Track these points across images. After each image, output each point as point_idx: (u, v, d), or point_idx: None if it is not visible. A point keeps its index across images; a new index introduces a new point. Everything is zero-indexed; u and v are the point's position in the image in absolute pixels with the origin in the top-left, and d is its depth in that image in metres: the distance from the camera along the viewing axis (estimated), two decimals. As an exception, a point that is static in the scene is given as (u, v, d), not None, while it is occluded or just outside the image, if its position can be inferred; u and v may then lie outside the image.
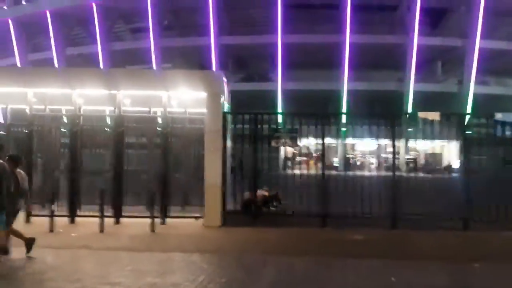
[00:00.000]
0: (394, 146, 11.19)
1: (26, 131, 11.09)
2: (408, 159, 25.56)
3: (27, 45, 42.30)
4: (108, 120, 11.83)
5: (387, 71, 38.29)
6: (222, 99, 10.75)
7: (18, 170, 7.41)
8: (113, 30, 40.54)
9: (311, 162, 13.10)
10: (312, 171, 10.82)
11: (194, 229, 10.17)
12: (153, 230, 9.66)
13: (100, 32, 38.25)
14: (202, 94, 10.65)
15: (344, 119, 14.03)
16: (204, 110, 10.67)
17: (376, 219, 10.59)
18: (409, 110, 35.58)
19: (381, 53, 36.41)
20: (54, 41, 39.45)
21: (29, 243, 7.33)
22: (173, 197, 11.13)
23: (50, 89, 10.64)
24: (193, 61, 36.68)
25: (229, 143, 10.94)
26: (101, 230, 9.57)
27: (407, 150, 27.50)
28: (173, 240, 9.09)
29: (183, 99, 11.31)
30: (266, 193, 11.66)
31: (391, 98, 34.43)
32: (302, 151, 11.28)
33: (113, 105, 10.87)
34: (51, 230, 9.49)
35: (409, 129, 13.94)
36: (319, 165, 11.40)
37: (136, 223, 10.39)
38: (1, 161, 7.01)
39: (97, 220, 9.79)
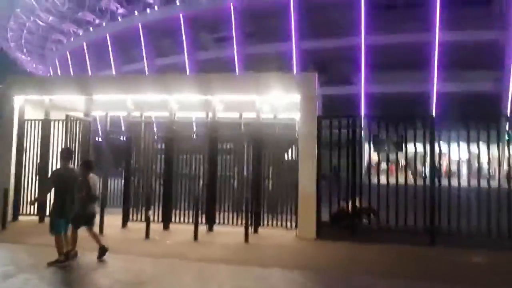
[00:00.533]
0: (499, 153, 9.57)
1: (124, 138, 11.25)
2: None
3: (154, 51, 44.34)
4: (197, 126, 11.60)
5: (482, 71, 34.77)
6: (316, 103, 9.98)
7: (91, 175, 7.52)
8: (198, 39, 41.72)
9: (400, 170, 11.64)
10: (401, 180, 9.56)
11: (288, 241, 9.49)
12: (247, 240, 9.15)
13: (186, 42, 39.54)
14: (295, 98, 9.99)
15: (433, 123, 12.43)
16: (295, 116, 10.00)
17: (495, 239, 9.10)
18: (509, 112, 31.95)
19: (474, 51, 33.16)
20: (183, 47, 41.03)
21: (103, 250, 7.44)
22: (265, 205, 10.58)
23: (148, 95, 10.62)
24: (275, 67, 36.32)
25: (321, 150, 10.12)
26: (195, 238, 9.26)
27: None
28: (269, 252, 8.47)
29: (275, 104, 10.73)
30: (358, 204, 10.52)
31: (486, 100, 31.17)
32: (390, 158, 10.10)
33: (207, 111, 10.58)
34: (147, 237, 9.38)
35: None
36: (408, 173, 10.10)
37: (228, 232, 10.00)
38: (71, 167, 7.44)
39: (190, 227, 9.55)
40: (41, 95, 11.07)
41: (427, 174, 9.89)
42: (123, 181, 10.87)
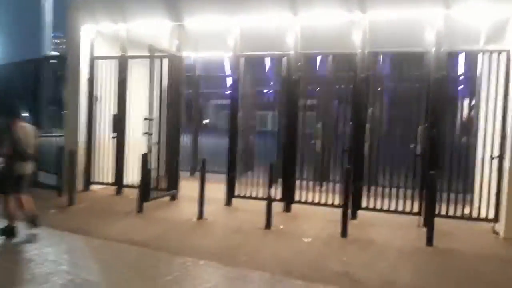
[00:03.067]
0: None
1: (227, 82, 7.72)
2: None
3: None
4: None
5: None
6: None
7: (21, 124, 5.43)
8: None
9: None
10: None
11: (487, 242, 5.64)
12: (430, 244, 5.39)
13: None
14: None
15: None
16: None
17: None
18: None
19: None
20: None
21: (32, 219, 5.55)
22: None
23: (263, 16, 6.87)
24: None
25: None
26: (344, 232, 5.66)
27: None
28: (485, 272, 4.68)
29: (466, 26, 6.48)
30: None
31: None
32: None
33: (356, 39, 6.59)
34: (268, 226, 5.95)
35: None
36: None
37: (391, 221, 6.32)
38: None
39: (320, 210, 6.03)
40: (116, 22, 7.76)
41: None
42: (227, 140, 7.43)
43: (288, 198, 6.90)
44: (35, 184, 8.99)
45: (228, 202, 7.31)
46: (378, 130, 6.91)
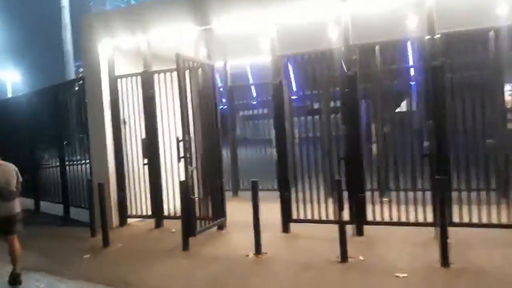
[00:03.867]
0: None
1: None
2: None
3: None
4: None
5: None
6: None
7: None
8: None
9: None
10: None
11: None
12: None
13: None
14: None
15: None
16: None
17: None
18: None
19: None
20: None
21: (14, 277, 4.83)
22: None
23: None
24: None
25: None
26: (444, 261, 4.39)
27: None
28: None
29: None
30: None
31: None
32: None
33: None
34: (344, 258, 4.76)
35: None
36: None
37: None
38: None
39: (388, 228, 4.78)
40: (135, 33, 6.74)
41: None
42: (274, 152, 6.29)
43: (359, 219, 5.68)
44: (66, 222, 8.22)
45: (285, 229, 6.14)
46: (456, 126, 5.61)
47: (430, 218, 5.32)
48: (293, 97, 7.21)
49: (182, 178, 5.87)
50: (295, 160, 6.58)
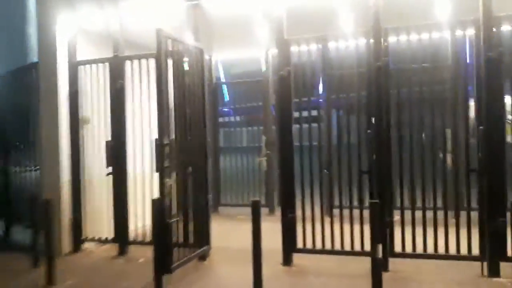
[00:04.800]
0: None
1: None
2: None
3: None
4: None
5: None
6: None
7: None
8: None
9: None
10: None
11: None
12: None
13: None
14: None
15: None
16: None
17: None
18: None
19: None
20: None
21: None
22: None
23: None
24: None
25: None
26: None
27: None
28: None
29: None
30: None
31: None
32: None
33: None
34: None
35: None
36: None
37: None
38: None
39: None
40: (103, 6, 5.25)
41: None
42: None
43: (385, 249, 4.36)
44: (5, 246, 6.48)
45: (287, 260, 4.76)
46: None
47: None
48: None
49: (156, 194, 4.42)
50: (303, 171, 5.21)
